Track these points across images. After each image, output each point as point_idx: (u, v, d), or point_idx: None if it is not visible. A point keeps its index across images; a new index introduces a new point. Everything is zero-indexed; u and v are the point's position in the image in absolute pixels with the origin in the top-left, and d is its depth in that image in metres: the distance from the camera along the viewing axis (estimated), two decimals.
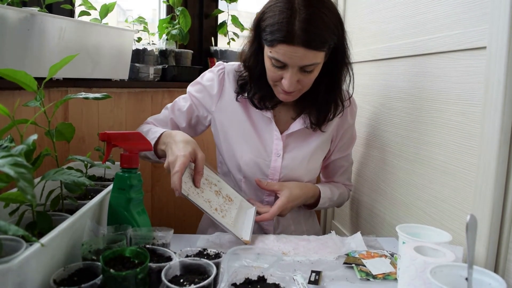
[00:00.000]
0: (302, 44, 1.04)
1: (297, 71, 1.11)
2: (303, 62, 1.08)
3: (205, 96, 1.33)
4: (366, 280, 0.94)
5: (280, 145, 1.28)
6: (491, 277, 0.72)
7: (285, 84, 1.12)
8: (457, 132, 1.02)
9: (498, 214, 0.87)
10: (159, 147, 1.17)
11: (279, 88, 1.18)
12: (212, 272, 0.73)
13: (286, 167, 1.28)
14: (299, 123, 1.29)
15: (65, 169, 0.79)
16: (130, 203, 0.91)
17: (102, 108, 1.57)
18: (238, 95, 1.29)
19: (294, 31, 1.03)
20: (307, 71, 1.11)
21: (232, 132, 1.30)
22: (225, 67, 1.33)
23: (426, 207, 1.14)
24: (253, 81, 1.24)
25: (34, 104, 0.86)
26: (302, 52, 1.05)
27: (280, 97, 1.21)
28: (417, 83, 1.20)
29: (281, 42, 1.05)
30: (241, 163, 1.28)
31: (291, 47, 1.05)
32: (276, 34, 1.05)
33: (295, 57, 1.07)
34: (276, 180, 1.29)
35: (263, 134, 1.30)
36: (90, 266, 0.74)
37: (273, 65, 1.12)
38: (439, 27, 1.10)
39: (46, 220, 0.78)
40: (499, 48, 0.85)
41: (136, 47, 1.75)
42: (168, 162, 1.06)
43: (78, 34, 1.33)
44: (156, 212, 1.87)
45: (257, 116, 1.30)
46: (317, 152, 1.33)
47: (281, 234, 1.27)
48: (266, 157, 1.28)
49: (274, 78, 1.15)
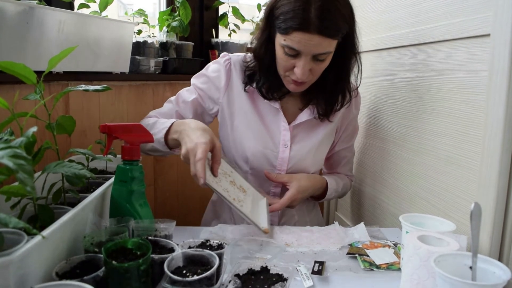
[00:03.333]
0: (318, 32, 1.04)
1: (310, 60, 1.10)
2: (317, 50, 1.08)
3: (212, 87, 1.31)
4: (370, 270, 0.94)
5: (288, 136, 1.28)
6: (495, 265, 0.71)
7: (297, 72, 1.12)
8: (460, 121, 1.01)
9: (502, 202, 0.86)
10: (171, 137, 1.14)
11: (289, 78, 1.17)
12: (215, 263, 0.72)
13: (294, 158, 1.28)
14: (307, 114, 1.29)
15: (66, 162, 0.79)
16: (132, 195, 0.91)
17: (103, 102, 1.56)
18: (246, 85, 1.28)
19: (310, 19, 1.03)
20: (319, 59, 1.11)
21: (239, 124, 1.29)
22: (231, 57, 1.32)
23: (430, 196, 1.14)
24: (263, 71, 1.23)
25: (34, 97, 0.86)
26: (318, 39, 1.05)
27: (290, 87, 1.20)
28: (420, 72, 1.19)
29: (297, 29, 1.05)
30: (249, 155, 1.27)
31: (306, 34, 1.05)
32: (291, 21, 1.05)
33: (310, 45, 1.06)
34: (283, 171, 1.29)
35: (271, 125, 1.29)
36: (92, 258, 0.74)
37: (286, 53, 1.11)
38: (441, 15, 1.09)
39: (48, 213, 0.78)
40: (503, 35, 0.84)
41: (137, 40, 1.74)
42: (186, 149, 1.02)
43: (77, 27, 1.33)
44: (159, 205, 1.86)
45: (265, 107, 1.29)
46: (324, 143, 1.34)
47: (284, 225, 1.27)
48: (273, 148, 1.28)
49: (286, 67, 1.15)
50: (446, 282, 0.67)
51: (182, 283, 0.68)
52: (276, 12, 1.10)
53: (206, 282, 0.70)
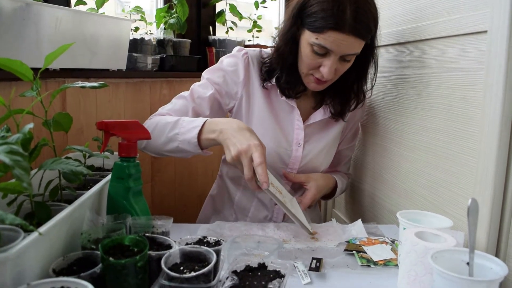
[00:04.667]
0: (353, 33, 1.06)
1: (337, 60, 1.11)
2: (348, 51, 1.10)
3: (230, 82, 1.27)
4: (367, 266, 0.94)
5: (302, 135, 1.28)
6: (492, 261, 0.71)
7: (324, 72, 1.12)
8: (458, 118, 1.01)
9: (499, 198, 0.86)
10: (206, 136, 1.06)
11: (312, 77, 1.17)
12: (212, 260, 0.72)
13: (306, 156, 1.29)
14: (320, 114, 1.30)
15: (62, 159, 0.79)
16: (129, 192, 0.91)
17: (100, 99, 1.56)
18: (265, 81, 1.26)
19: (346, 19, 1.04)
20: (346, 60, 1.13)
21: (254, 120, 1.28)
22: (249, 52, 1.29)
23: (427, 193, 1.14)
24: (285, 69, 1.22)
25: (31, 94, 0.85)
26: (351, 40, 1.07)
27: (311, 86, 1.21)
28: (417, 69, 1.19)
29: (332, 29, 1.05)
30: None
31: (341, 34, 1.06)
32: (328, 20, 1.05)
33: (343, 45, 1.08)
34: (295, 169, 1.30)
35: (285, 123, 1.29)
36: (89, 255, 0.74)
37: (314, 52, 1.11)
38: (439, 12, 1.09)
39: (45, 210, 0.78)
40: (500, 31, 0.84)
41: (134, 37, 1.73)
42: (238, 151, 0.96)
43: (74, 24, 1.32)
44: (156, 203, 1.86)
45: (280, 105, 1.29)
46: (334, 143, 1.36)
47: (282, 222, 1.27)
48: (287, 146, 1.28)
49: (312, 66, 1.15)
50: (443, 278, 0.67)
51: (179, 280, 0.68)
52: (308, 10, 1.10)
53: (203, 279, 0.70)
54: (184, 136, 1.09)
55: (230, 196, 1.38)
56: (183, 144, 1.10)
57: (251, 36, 2.26)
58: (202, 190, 1.61)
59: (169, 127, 1.13)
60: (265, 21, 2.28)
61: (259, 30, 2.25)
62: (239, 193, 1.36)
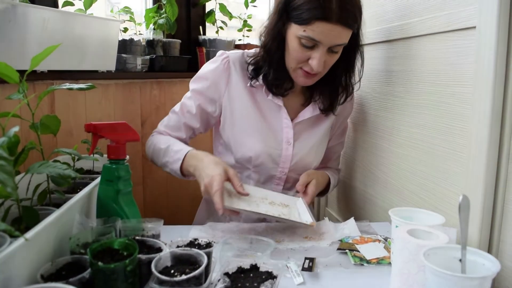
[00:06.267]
0: (340, 22, 1.06)
1: (326, 51, 1.12)
2: (336, 41, 1.10)
3: (211, 88, 1.28)
4: (360, 265, 0.94)
5: (291, 133, 1.27)
6: (485, 257, 0.71)
7: (313, 64, 1.12)
8: (448, 114, 1.01)
9: (490, 194, 0.86)
10: (186, 168, 1.17)
11: (300, 71, 1.17)
12: (203, 262, 0.72)
13: (297, 155, 1.28)
14: (309, 111, 1.29)
15: (50, 162, 0.78)
16: (118, 195, 0.90)
17: (90, 100, 1.54)
18: (252, 80, 1.25)
19: (332, 9, 1.05)
20: (334, 51, 1.13)
21: (241, 122, 1.27)
22: (230, 55, 1.29)
23: (419, 190, 1.14)
24: (273, 65, 1.22)
25: (17, 97, 0.84)
26: (339, 30, 1.07)
27: (300, 80, 1.20)
28: (407, 66, 1.19)
29: (319, 19, 1.06)
30: (252, 154, 1.25)
31: (328, 24, 1.06)
32: (314, 11, 1.05)
33: (331, 35, 1.08)
34: (286, 168, 1.29)
35: (273, 122, 1.28)
36: (78, 260, 0.73)
37: (302, 45, 1.11)
38: (428, 9, 1.09)
39: (33, 214, 0.77)
40: (488, 27, 0.84)
41: (123, 38, 1.72)
42: (204, 185, 1.06)
43: (62, 25, 1.31)
44: (148, 204, 1.85)
45: (266, 104, 1.28)
46: (324, 139, 1.36)
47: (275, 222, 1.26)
48: (276, 146, 1.27)
49: (301, 59, 1.14)
50: (436, 276, 0.67)
51: (170, 283, 0.67)
52: (293, 3, 1.10)
53: (194, 282, 0.69)
54: (171, 166, 1.21)
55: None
56: (172, 172, 1.22)
57: (242, 36, 2.25)
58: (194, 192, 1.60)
59: (161, 154, 1.24)
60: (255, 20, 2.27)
61: (250, 29, 2.24)
62: None
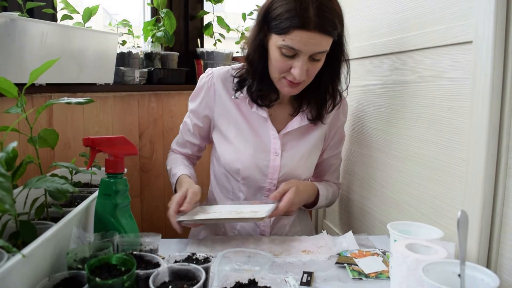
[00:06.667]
0: (318, 29, 1.06)
1: (307, 60, 1.11)
2: (316, 49, 1.09)
3: (202, 106, 1.32)
4: (359, 279, 0.93)
5: (278, 144, 1.27)
6: (483, 272, 0.71)
7: (295, 73, 1.12)
8: (445, 128, 1.01)
9: (488, 208, 0.86)
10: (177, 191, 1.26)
11: (284, 80, 1.17)
12: (201, 277, 0.71)
13: (285, 165, 1.27)
14: (297, 121, 1.29)
15: (48, 176, 0.78)
16: (116, 209, 0.89)
17: (88, 113, 1.54)
18: (236, 92, 1.27)
19: (310, 17, 1.05)
20: (315, 59, 1.13)
21: (230, 135, 1.28)
22: (213, 71, 1.32)
23: (417, 203, 1.14)
24: (256, 76, 1.22)
25: (15, 111, 0.84)
26: (318, 37, 1.07)
27: (284, 90, 1.19)
28: (405, 80, 1.19)
29: (297, 28, 1.06)
30: (240, 166, 1.26)
31: (307, 32, 1.06)
32: (292, 20, 1.06)
33: (310, 43, 1.08)
34: (275, 179, 1.28)
35: (260, 133, 1.28)
36: (76, 275, 0.72)
37: (283, 54, 1.11)
38: (424, 23, 1.10)
39: (30, 229, 0.76)
40: (485, 42, 0.84)
41: (121, 51, 1.72)
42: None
43: (60, 38, 1.31)
44: (145, 217, 1.84)
45: (253, 116, 1.28)
46: (315, 149, 1.34)
47: (275, 235, 1.26)
48: (264, 157, 1.27)
49: (283, 69, 1.14)
50: None
51: None
52: (272, 14, 1.10)
53: None
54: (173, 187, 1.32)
55: None
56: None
57: (239, 48, 2.26)
58: None
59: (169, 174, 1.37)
60: None
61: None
62: None
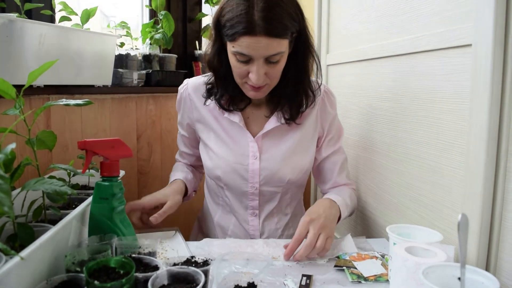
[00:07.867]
0: (264, 33, 1.02)
1: (263, 63, 1.08)
2: (267, 52, 1.06)
3: (184, 118, 1.35)
4: (358, 282, 0.93)
5: (255, 147, 1.24)
6: (483, 276, 0.71)
7: (253, 78, 1.09)
8: (445, 131, 1.01)
9: (488, 211, 0.86)
10: None
11: (247, 85, 1.14)
12: (201, 281, 0.71)
13: (266, 168, 1.24)
14: (273, 122, 1.25)
15: (46, 179, 0.77)
16: (113, 212, 0.89)
17: (86, 115, 1.54)
18: (206, 99, 1.26)
19: (254, 21, 1.01)
20: (272, 62, 1.09)
21: (210, 143, 1.28)
22: (188, 82, 1.32)
23: (416, 206, 1.14)
24: (219, 82, 1.21)
25: (13, 112, 0.83)
26: (265, 41, 1.03)
27: (250, 94, 1.17)
28: (404, 83, 1.19)
29: (243, 34, 1.03)
30: (219, 172, 1.25)
31: (253, 37, 1.03)
32: (237, 27, 1.03)
33: (259, 47, 1.04)
34: (256, 183, 1.24)
35: (238, 138, 1.26)
36: (74, 278, 0.72)
37: (238, 60, 1.09)
38: (424, 26, 1.10)
39: (28, 231, 0.76)
40: (484, 45, 0.84)
41: (119, 53, 1.72)
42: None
43: (58, 40, 1.31)
44: None
45: (228, 121, 1.27)
46: (299, 148, 1.27)
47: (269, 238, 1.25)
48: (243, 161, 1.24)
49: (241, 74, 1.12)
50: None
51: None
52: (222, 20, 1.08)
53: None
54: None
55: (211, 216, 1.37)
56: None
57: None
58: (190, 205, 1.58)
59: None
60: None
61: None
62: (219, 212, 1.35)
